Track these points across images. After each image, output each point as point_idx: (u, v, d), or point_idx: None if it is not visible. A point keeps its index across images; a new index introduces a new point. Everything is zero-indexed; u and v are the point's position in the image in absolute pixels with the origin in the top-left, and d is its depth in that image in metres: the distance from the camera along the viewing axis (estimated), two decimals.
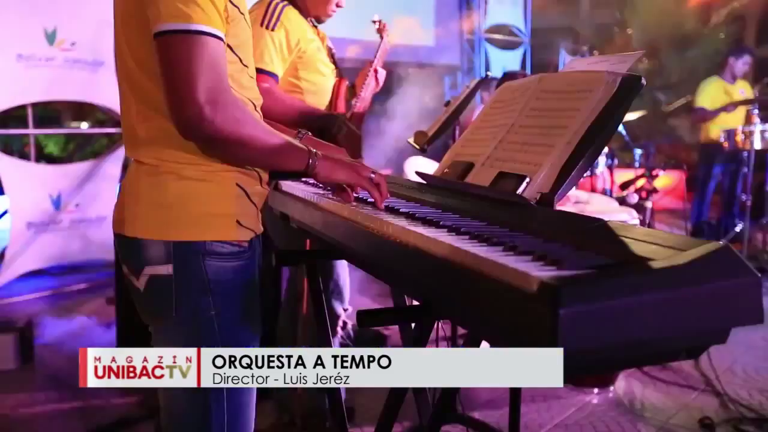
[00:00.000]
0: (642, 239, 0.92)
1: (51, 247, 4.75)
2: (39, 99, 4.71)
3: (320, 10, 2.51)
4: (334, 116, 2.44)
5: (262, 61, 2.31)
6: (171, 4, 1.12)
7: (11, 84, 4.37)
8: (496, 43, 8.67)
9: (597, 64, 1.44)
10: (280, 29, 2.35)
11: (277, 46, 2.35)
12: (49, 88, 4.62)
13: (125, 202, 1.29)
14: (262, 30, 2.32)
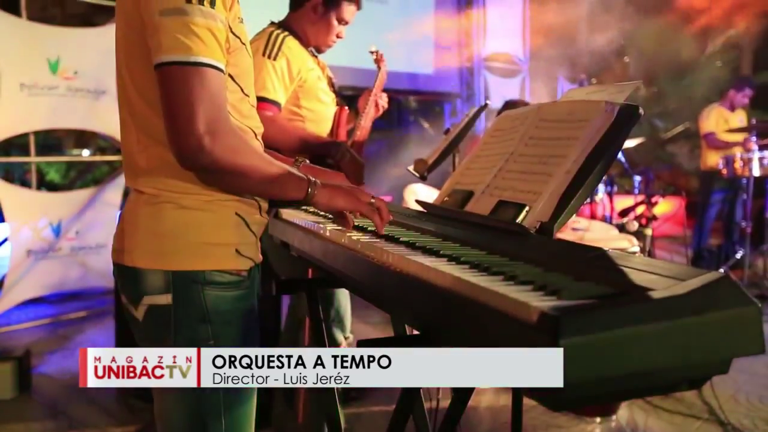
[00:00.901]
0: (641, 269, 0.93)
1: (50, 275, 4.74)
2: (41, 127, 4.74)
3: (320, 41, 2.56)
4: (336, 144, 2.47)
5: (264, 90, 2.35)
6: (172, 35, 1.14)
7: (14, 112, 4.41)
8: (495, 71, 8.75)
9: (595, 93, 1.45)
10: (282, 58, 2.39)
11: (279, 74, 2.39)
12: (51, 117, 4.65)
13: (124, 232, 1.29)
14: (263, 59, 2.36)
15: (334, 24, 2.53)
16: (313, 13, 2.52)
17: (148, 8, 1.16)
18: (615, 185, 5.53)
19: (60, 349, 4.10)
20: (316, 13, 2.51)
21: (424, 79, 7.81)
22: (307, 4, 2.52)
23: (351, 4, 2.53)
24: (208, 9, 1.16)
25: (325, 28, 2.53)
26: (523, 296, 0.86)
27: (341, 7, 2.51)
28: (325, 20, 2.52)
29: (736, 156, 5.36)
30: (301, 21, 2.54)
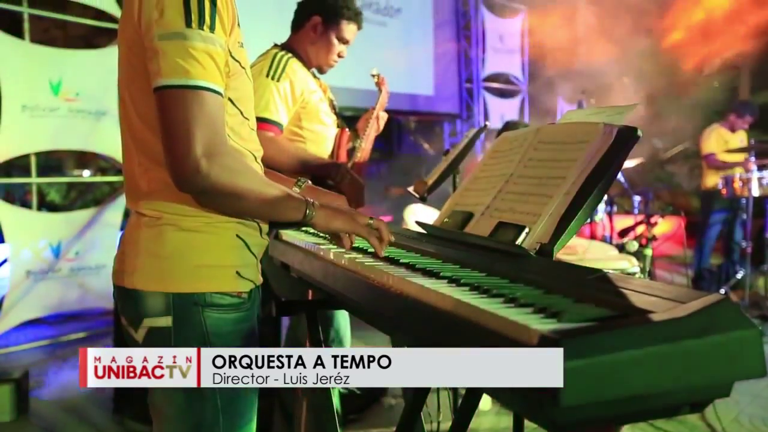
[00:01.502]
0: (641, 291, 0.93)
1: (49, 296, 4.72)
2: (42, 148, 4.76)
3: (322, 61, 2.58)
4: (336, 165, 2.48)
5: (267, 111, 2.37)
6: (171, 60, 1.15)
7: (16, 134, 4.42)
8: (494, 92, 8.81)
9: (594, 115, 1.46)
10: (285, 80, 2.41)
11: (282, 96, 2.41)
12: (52, 138, 4.67)
13: (125, 254, 1.29)
14: (267, 80, 2.38)
15: (335, 43, 2.55)
16: (313, 33, 2.54)
17: (148, 33, 1.17)
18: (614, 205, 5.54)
19: (58, 370, 4.08)
20: (315, 33, 2.54)
21: (424, 99, 7.86)
22: (307, 25, 2.55)
23: (350, 23, 2.55)
24: (207, 33, 1.17)
25: (326, 48, 2.55)
26: (523, 319, 0.86)
27: (340, 26, 2.53)
28: (325, 39, 2.54)
29: (735, 176, 5.37)
30: (303, 42, 2.56)
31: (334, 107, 2.68)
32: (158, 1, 1.16)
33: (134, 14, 1.20)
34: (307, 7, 2.59)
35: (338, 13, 2.52)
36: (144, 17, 1.18)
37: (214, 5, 1.19)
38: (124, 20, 1.25)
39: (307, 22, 2.55)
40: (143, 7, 1.18)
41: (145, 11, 1.18)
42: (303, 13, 2.59)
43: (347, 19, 2.53)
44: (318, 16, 2.53)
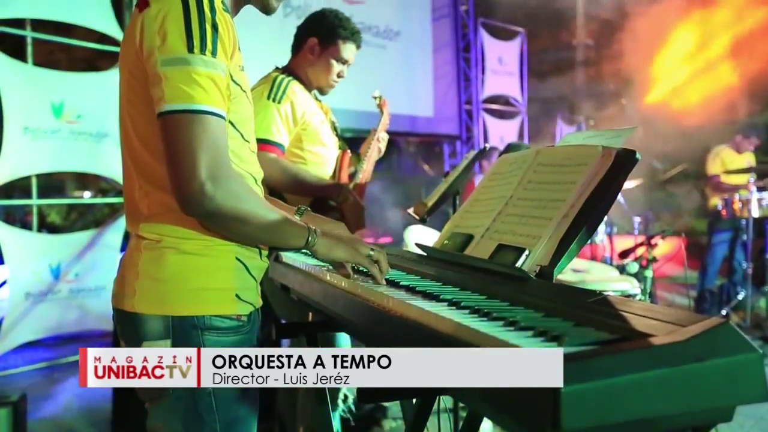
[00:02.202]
0: (642, 314, 0.92)
1: (48, 318, 4.70)
2: (44, 170, 4.77)
3: (322, 82, 2.60)
4: (338, 186, 2.49)
5: (269, 132, 2.38)
6: (174, 85, 1.16)
7: (17, 156, 4.44)
8: (494, 113, 8.85)
9: (592, 138, 1.47)
10: (286, 102, 2.44)
11: (284, 117, 2.43)
12: (53, 160, 4.68)
13: (124, 277, 1.29)
14: (268, 102, 2.40)
15: (333, 64, 2.55)
16: (311, 55, 2.56)
17: (150, 58, 1.18)
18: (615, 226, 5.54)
19: (56, 393, 4.05)
20: (313, 55, 2.55)
21: (424, 121, 7.90)
22: (305, 47, 2.57)
23: (347, 43, 2.56)
24: (209, 58, 1.18)
25: (325, 69, 2.56)
26: (524, 342, 0.86)
27: (337, 47, 2.54)
28: (324, 61, 2.55)
29: (734, 197, 5.38)
30: (302, 64, 2.58)
31: (336, 129, 2.70)
32: (160, 27, 1.18)
33: (136, 40, 1.21)
34: (304, 30, 2.61)
35: (334, 33, 2.53)
36: (146, 43, 1.19)
37: (215, 30, 1.20)
38: (126, 45, 1.26)
39: (304, 44, 2.57)
40: (145, 33, 1.19)
41: (147, 37, 1.19)
42: (301, 36, 2.61)
43: (344, 39, 2.54)
44: (315, 37, 2.55)
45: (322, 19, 2.58)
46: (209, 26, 1.19)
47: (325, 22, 2.56)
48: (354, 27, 2.59)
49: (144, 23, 1.20)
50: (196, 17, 1.18)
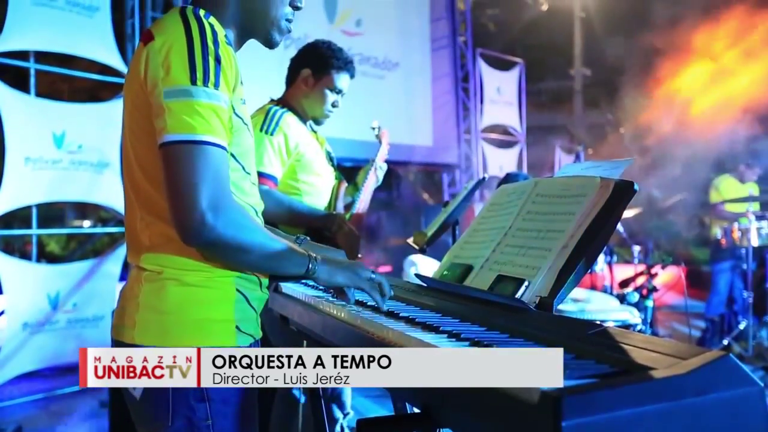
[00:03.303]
0: (642, 346, 0.92)
1: (45, 348, 4.67)
2: (44, 200, 4.78)
3: (317, 112, 2.61)
4: (332, 216, 2.48)
5: (261, 164, 2.39)
6: (177, 116, 1.17)
7: (18, 186, 4.45)
8: (492, 142, 8.91)
9: (591, 169, 1.48)
10: (279, 133, 2.45)
11: (276, 149, 2.44)
12: (54, 190, 4.69)
13: (125, 308, 1.29)
14: (261, 135, 2.42)
15: (327, 93, 2.56)
16: (305, 86, 2.57)
17: (154, 90, 1.20)
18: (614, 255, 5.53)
19: (53, 426, 4.00)
20: (307, 86, 2.56)
21: (423, 150, 7.94)
22: (299, 78, 2.58)
23: (341, 72, 2.57)
24: (212, 90, 1.20)
25: (319, 99, 2.57)
26: None
27: (331, 77, 2.55)
28: (317, 91, 2.56)
29: (734, 226, 5.38)
30: (296, 95, 2.59)
31: (331, 159, 2.70)
32: (164, 60, 1.19)
33: (140, 72, 1.23)
34: (297, 62, 2.62)
35: (327, 64, 2.55)
36: (150, 75, 1.21)
37: (218, 63, 1.22)
38: (131, 77, 1.28)
39: (298, 75, 2.59)
40: (149, 66, 1.21)
41: (151, 69, 1.21)
42: (294, 68, 2.62)
43: (337, 69, 2.55)
44: (308, 69, 2.56)
45: (314, 50, 2.60)
46: (212, 59, 1.21)
47: (317, 53, 2.58)
48: (347, 57, 2.60)
49: (148, 56, 1.22)
50: (199, 50, 1.20)
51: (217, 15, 1.34)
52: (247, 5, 1.37)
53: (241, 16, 1.38)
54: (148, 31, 1.26)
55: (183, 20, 1.24)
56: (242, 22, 1.39)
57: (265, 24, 1.40)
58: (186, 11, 1.28)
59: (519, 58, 9.35)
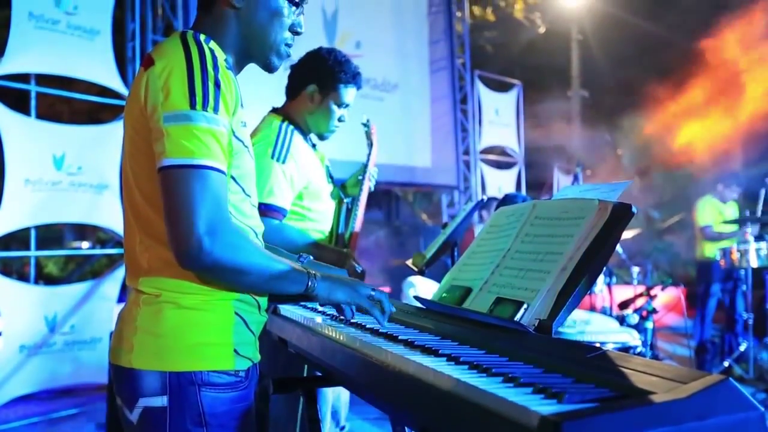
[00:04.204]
0: (642, 370, 0.92)
1: (42, 371, 4.63)
2: (43, 222, 4.78)
3: (323, 128, 2.45)
4: (343, 254, 2.38)
5: (272, 196, 2.24)
6: (176, 140, 1.18)
7: (17, 207, 4.45)
8: (491, 163, 8.94)
9: (589, 191, 1.48)
10: (290, 161, 2.30)
11: (288, 179, 2.30)
12: (53, 211, 4.70)
13: (122, 332, 1.29)
14: (272, 162, 2.26)
15: (335, 109, 2.41)
16: (310, 103, 2.40)
17: (154, 114, 1.21)
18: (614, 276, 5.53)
19: None
20: (313, 102, 2.40)
21: (422, 171, 7.96)
22: (303, 93, 2.41)
23: (348, 86, 2.41)
24: (211, 114, 1.21)
25: (326, 115, 2.41)
26: (523, 400, 0.85)
27: (338, 92, 2.39)
28: (324, 107, 2.40)
29: (732, 247, 5.38)
30: (300, 111, 2.42)
31: (330, 176, 2.58)
32: (164, 85, 1.20)
33: (141, 96, 1.24)
34: (301, 75, 2.44)
35: (335, 78, 2.38)
36: (150, 100, 1.22)
37: (218, 87, 1.23)
38: (131, 102, 1.29)
39: (303, 90, 2.41)
40: (149, 90, 1.22)
41: (152, 94, 1.22)
42: (298, 82, 2.44)
43: (345, 83, 2.40)
44: (313, 84, 2.39)
45: (319, 63, 2.41)
46: (212, 83, 1.22)
47: (323, 66, 2.40)
48: (354, 69, 2.43)
49: (149, 81, 1.23)
50: (199, 75, 1.21)
51: (218, 39, 1.35)
52: (247, 30, 1.38)
53: (241, 41, 1.39)
54: (149, 56, 1.27)
55: (183, 45, 1.25)
56: (242, 47, 1.40)
57: (264, 49, 1.41)
58: (186, 36, 1.29)
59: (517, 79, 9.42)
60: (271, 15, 1.38)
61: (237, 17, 1.37)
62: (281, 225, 2.29)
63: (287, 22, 1.41)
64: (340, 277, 1.45)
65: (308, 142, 2.47)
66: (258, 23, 1.38)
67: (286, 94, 2.49)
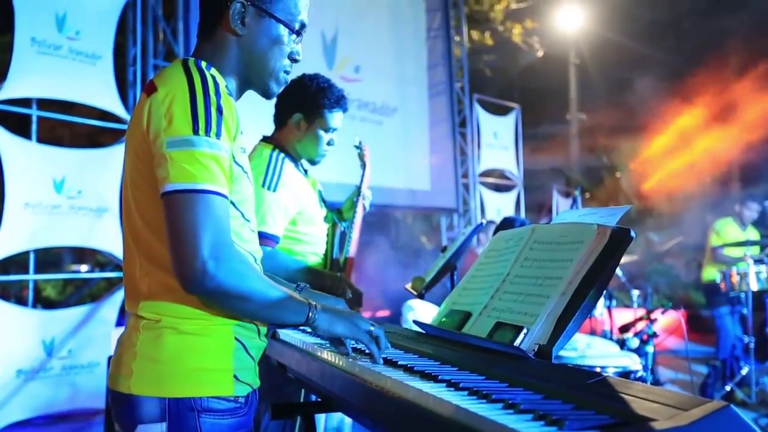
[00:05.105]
0: (643, 396, 0.91)
1: (39, 396, 4.59)
2: (43, 245, 4.77)
3: (312, 154, 2.47)
4: (338, 279, 2.39)
5: (264, 224, 2.25)
6: (179, 165, 1.19)
7: (16, 231, 4.45)
8: (490, 186, 8.97)
9: (587, 216, 1.49)
10: (281, 189, 2.32)
11: (281, 208, 2.31)
12: (53, 235, 4.69)
13: (122, 357, 1.28)
14: (264, 191, 2.28)
15: (322, 134, 2.43)
16: (297, 131, 2.42)
17: (157, 140, 1.22)
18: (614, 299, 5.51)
19: None
20: (300, 130, 2.42)
21: (422, 194, 7.98)
22: (290, 122, 2.43)
23: (333, 111, 2.43)
24: (214, 140, 1.21)
25: (314, 142, 2.43)
26: (524, 426, 0.84)
27: (324, 118, 2.41)
28: (311, 134, 2.42)
29: (733, 271, 5.37)
30: (289, 139, 2.44)
31: (323, 201, 2.60)
32: (167, 111, 1.22)
33: (143, 122, 1.25)
34: (286, 105, 2.45)
35: (318, 104, 2.40)
36: (153, 126, 1.23)
37: (220, 113, 1.24)
38: (133, 128, 1.30)
39: (289, 119, 2.43)
40: (152, 116, 1.23)
41: (154, 120, 1.23)
42: (284, 111, 2.46)
43: (329, 108, 2.41)
44: (299, 113, 2.41)
45: (304, 91, 2.42)
46: (214, 109, 1.23)
47: (306, 94, 2.41)
48: (337, 93, 2.44)
49: (151, 107, 1.24)
50: (201, 101, 1.22)
51: (219, 65, 1.37)
52: (248, 57, 1.40)
53: (242, 67, 1.41)
54: (152, 83, 1.29)
55: (186, 72, 1.27)
56: (242, 73, 1.42)
57: (263, 76, 1.43)
58: (188, 63, 1.30)
59: (515, 103, 9.48)
60: (272, 43, 1.40)
61: (238, 44, 1.39)
62: (274, 251, 2.30)
63: (287, 50, 1.43)
64: (340, 309, 1.44)
65: (299, 169, 2.49)
66: (258, 50, 1.40)
67: (274, 122, 2.51)
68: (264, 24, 1.39)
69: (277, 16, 1.40)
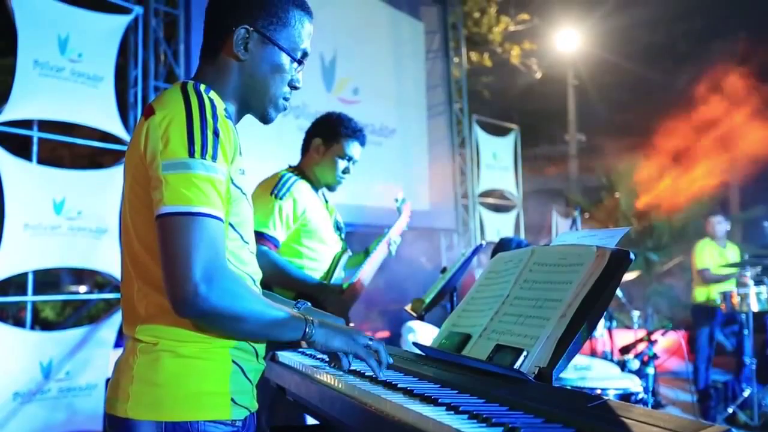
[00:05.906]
0: (643, 420, 0.91)
1: (35, 419, 4.54)
2: (42, 266, 4.76)
3: (329, 179, 2.73)
4: (322, 286, 2.51)
5: (266, 226, 2.48)
6: (174, 188, 1.19)
7: (15, 252, 4.43)
8: (489, 207, 8.97)
9: (587, 238, 1.49)
10: (289, 199, 2.54)
11: (284, 215, 2.52)
12: (52, 256, 4.68)
13: (119, 381, 1.28)
14: (271, 198, 2.51)
15: (337, 161, 2.70)
16: (316, 155, 2.71)
17: (153, 163, 1.22)
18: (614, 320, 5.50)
19: None
20: (318, 154, 2.71)
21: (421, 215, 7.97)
22: (311, 148, 2.73)
23: (349, 140, 2.71)
24: (210, 162, 1.22)
25: (330, 166, 2.70)
26: None
27: (340, 144, 2.70)
28: (328, 159, 2.70)
29: (733, 291, 5.36)
30: (309, 164, 2.74)
31: (339, 229, 2.77)
32: (164, 133, 1.22)
33: (140, 145, 1.25)
34: (310, 132, 2.78)
35: (336, 132, 2.70)
36: (150, 148, 1.23)
37: (216, 136, 1.24)
38: (131, 151, 1.31)
39: (310, 145, 2.74)
40: (149, 139, 1.24)
41: (151, 143, 1.23)
42: (308, 138, 2.78)
43: (345, 137, 2.70)
44: (319, 138, 2.72)
45: (325, 120, 2.77)
46: (210, 132, 1.24)
47: (327, 123, 2.75)
48: (355, 126, 2.76)
49: (149, 130, 1.25)
50: (198, 123, 1.23)
51: (219, 89, 1.38)
52: (249, 81, 1.41)
53: (241, 92, 1.42)
54: (150, 106, 1.30)
55: (183, 95, 1.28)
56: (242, 97, 1.43)
57: (263, 101, 1.44)
58: (187, 87, 1.31)
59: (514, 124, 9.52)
60: (273, 69, 1.42)
61: (240, 69, 1.40)
62: (267, 251, 2.45)
63: (288, 77, 1.45)
64: (338, 325, 1.44)
65: (317, 193, 2.74)
66: (260, 76, 1.41)
67: (301, 151, 2.82)
68: (267, 51, 1.40)
69: (280, 44, 1.41)
